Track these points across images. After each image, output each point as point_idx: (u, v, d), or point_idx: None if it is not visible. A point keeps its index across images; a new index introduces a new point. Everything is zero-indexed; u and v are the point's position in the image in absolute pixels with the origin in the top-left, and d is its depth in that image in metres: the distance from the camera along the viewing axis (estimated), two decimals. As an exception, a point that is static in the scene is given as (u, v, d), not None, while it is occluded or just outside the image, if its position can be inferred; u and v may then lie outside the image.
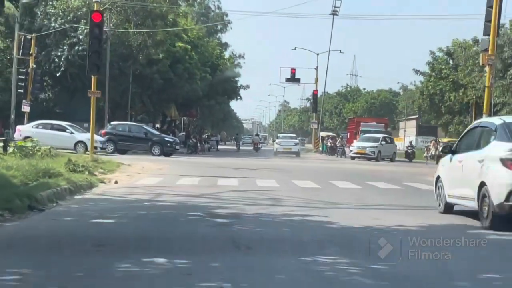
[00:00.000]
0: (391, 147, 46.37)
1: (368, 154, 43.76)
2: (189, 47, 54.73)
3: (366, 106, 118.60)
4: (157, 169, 24.73)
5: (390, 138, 48.19)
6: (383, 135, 47.32)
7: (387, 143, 45.89)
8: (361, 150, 44.16)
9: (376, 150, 43.95)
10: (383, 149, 44.56)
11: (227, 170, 25.64)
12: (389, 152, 45.56)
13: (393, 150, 46.49)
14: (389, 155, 45.38)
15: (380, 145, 44.39)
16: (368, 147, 44.06)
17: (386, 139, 46.20)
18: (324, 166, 33.32)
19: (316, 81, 63.65)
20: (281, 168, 29.28)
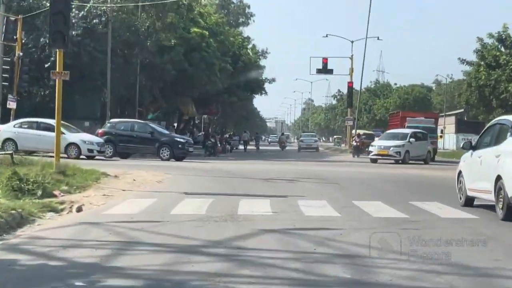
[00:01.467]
0: (423, 145, 36.93)
1: (392, 155, 35.15)
2: (206, 32, 47.51)
3: (399, 102, 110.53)
4: (154, 183, 17.59)
5: (423, 133, 38.08)
6: (415, 131, 38.05)
7: (419, 139, 36.75)
8: (383, 151, 35.27)
9: (402, 150, 35.05)
10: (412, 148, 35.65)
11: (252, 182, 18.51)
12: (421, 151, 36.59)
13: (426, 149, 37.26)
14: (421, 155, 36.60)
15: (408, 143, 35.45)
16: (393, 146, 35.11)
17: (417, 135, 37.11)
18: (370, 172, 25.99)
19: (351, 71, 56.23)
20: (320, 175, 22.09)
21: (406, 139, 35.59)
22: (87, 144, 30.09)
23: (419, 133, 37.75)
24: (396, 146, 35.20)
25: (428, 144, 37.87)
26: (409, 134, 36.18)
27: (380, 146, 35.82)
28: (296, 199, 14.00)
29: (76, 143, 30.03)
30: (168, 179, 18.63)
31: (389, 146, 35.24)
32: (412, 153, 35.56)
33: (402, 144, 35.34)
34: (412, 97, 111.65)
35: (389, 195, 15.54)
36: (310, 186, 17.66)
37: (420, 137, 37.20)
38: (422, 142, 36.98)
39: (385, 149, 35.28)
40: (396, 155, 35.06)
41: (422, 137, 37.39)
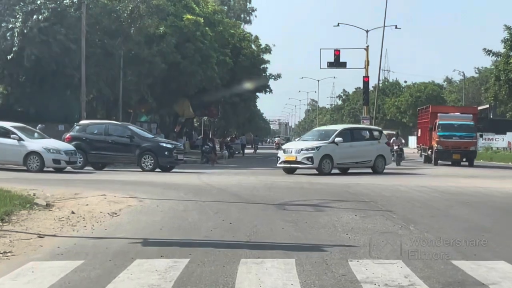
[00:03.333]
0: (367, 147, 26.35)
1: (302, 162, 24.42)
2: (201, 19, 41.01)
3: (411, 101, 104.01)
4: (104, 217, 11.10)
5: (372, 131, 27.98)
6: (353, 127, 29.24)
7: (359, 139, 26.64)
8: (290, 156, 24.68)
9: (316, 155, 24.35)
10: (341, 152, 24.92)
11: (259, 211, 12.09)
12: (361, 156, 25.97)
13: (374, 152, 26.35)
14: (364, 162, 26.26)
15: (329, 146, 24.77)
16: (303, 149, 24.68)
17: (356, 133, 27.10)
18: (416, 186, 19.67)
19: (367, 64, 49.54)
20: (352, 192, 15.73)
21: (329, 139, 25.07)
22: (51, 153, 23.61)
23: (362, 130, 28.56)
24: (307, 150, 24.56)
25: (380, 146, 26.79)
26: (337, 132, 25.57)
27: (288, 150, 25.29)
28: (345, 255, 7.60)
29: (38, 151, 23.57)
30: (130, 208, 12.11)
31: (299, 149, 24.76)
32: (340, 159, 24.98)
33: (317, 146, 24.66)
34: (425, 95, 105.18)
35: (500, 238, 9.08)
36: (352, 219, 11.12)
37: (364, 136, 27.32)
38: (364, 143, 26.50)
39: (293, 154, 24.70)
40: (307, 162, 24.34)
41: (368, 136, 27.17)
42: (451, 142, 35.44)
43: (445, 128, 35.96)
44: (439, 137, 35.66)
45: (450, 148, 35.39)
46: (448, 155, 35.75)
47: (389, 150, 28.00)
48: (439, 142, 35.64)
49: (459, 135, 35.60)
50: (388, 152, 27.67)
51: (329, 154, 24.74)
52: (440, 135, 35.79)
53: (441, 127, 36.01)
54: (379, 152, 26.57)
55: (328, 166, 24.70)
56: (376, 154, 26.37)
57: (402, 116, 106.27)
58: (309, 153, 24.51)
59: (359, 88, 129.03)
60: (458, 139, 35.48)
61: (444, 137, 35.61)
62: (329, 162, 24.72)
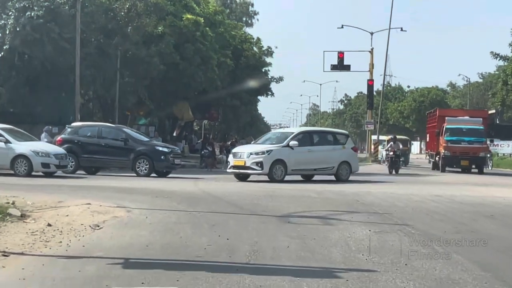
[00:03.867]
0: (328, 152, 23.55)
1: (251, 168, 21.98)
2: (201, 19, 39.68)
3: (414, 105, 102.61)
4: (84, 230, 9.81)
5: (335, 134, 25.22)
6: (303, 130, 25.02)
7: (320, 143, 23.83)
8: (239, 161, 22.31)
9: (267, 160, 21.86)
10: (297, 157, 22.37)
11: (260, 225, 10.78)
12: (322, 162, 23.28)
13: (337, 158, 23.60)
14: (326, 168, 23.52)
15: (282, 150, 22.32)
16: (253, 153, 22.16)
17: (316, 136, 24.20)
18: (428, 195, 18.43)
19: (371, 67, 48.31)
20: (361, 202, 14.41)
21: (283, 143, 22.56)
22: (40, 156, 22.30)
23: (324, 134, 25.41)
24: (256, 154, 22.06)
25: (345, 152, 23.95)
26: (293, 135, 22.98)
27: (237, 154, 22.78)
28: (365, 284, 6.28)
29: (25, 154, 22.25)
30: (115, 220, 10.77)
31: (249, 153, 22.20)
32: (295, 165, 22.43)
33: (268, 150, 22.12)
34: (429, 99, 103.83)
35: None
36: (366, 235, 9.78)
37: (326, 140, 24.15)
38: (326, 148, 23.59)
39: (242, 159, 22.21)
40: (256, 167, 21.83)
41: (332, 141, 24.20)
42: (459, 147, 33.41)
43: (453, 133, 34.03)
44: (446, 142, 33.69)
45: (458, 154, 33.34)
46: (456, 162, 33.76)
47: (355, 156, 25.00)
48: (446, 147, 33.65)
49: (468, 140, 33.58)
50: (354, 158, 24.55)
51: (282, 159, 22.11)
52: (448, 140, 33.83)
53: (449, 132, 34.10)
54: (343, 158, 23.74)
55: (280, 173, 22.04)
56: (339, 160, 23.56)
57: (405, 121, 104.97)
58: (258, 157, 21.94)
59: (361, 92, 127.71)
60: (467, 144, 33.46)
61: (451, 142, 33.61)
62: (281, 168, 22.07)
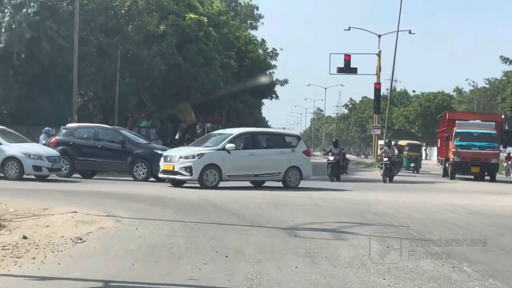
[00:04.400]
0: (272, 157, 20.99)
1: (179, 173, 19.68)
2: (204, 19, 38.55)
3: (420, 110, 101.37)
4: (65, 244, 8.69)
5: (277, 136, 22.57)
6: (245, 131, 21.85)
7: (260, 146, 21.32)
8: (168, 165, 19.99)
9: (197, 164, 19.50)
10: (235, 161, 20.07)
11: (264, 239, 9.65)
12: (265, 167, 20.81)
13: (283, 164, 21.04)
14: (271, 174, 21.07)
15: (216, 153, 19.95)
16: (183, 157, 19.85)
17: (260, 139, 21.76)
18: (442, 204, 17.39)
19: (379, 70, 47.17)
20: (374, 212, 13.31)
21: (217, 145, 20.31)
22: (32, 159, 21.16)
23: (270, 136, 22.63)
24: (186, 158, 19.78)
25: (295, 156, 21.31)
26: (231, 137, 20.50)
27: (167, 157, 20.35)
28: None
29: (16, 156, 21.13)
30: (101, 232, 9.59)
31: (179, 157, 19.95)
32: (233, 170, 20.03)
33: (198, 153, 19.83)
34: (435, 104, 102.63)
35: None
36: (388, 256, 8.59)
37: (273, 143, 21.58)
38: (272, 151, 21.11)
39: (171, 163, 19.97)
40: (184, 172, 19.59)
41: (280, 144, 21.63)
42: (470, 153, 31.50)
43: (463, 137, 32.04)
44: (455, 147, 31.73)
45: (468, 160, 31.44)
46: (466, 168, 31.88)
47: (307, 160, 22.10)
48: (455, 153, 31.73)
49: (479, 145, 31.66)
50: (305, 163, 21.76)
51: (216, 164, 19.77)
52: (457, 145, 31.86)
53: (459, 136, 32.08)
54: (292, 163, 21.20)
55: (213, 179, 19.65)
56: (287, 166, 21.06)
57: (411, 126, 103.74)
58: (188, 162, 19.64)
59: (366, 97, 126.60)
60: (478, 149, 31.55)
61: (461, 148, 31.68)
62: (215, 174, 19.71)
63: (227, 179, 20.30)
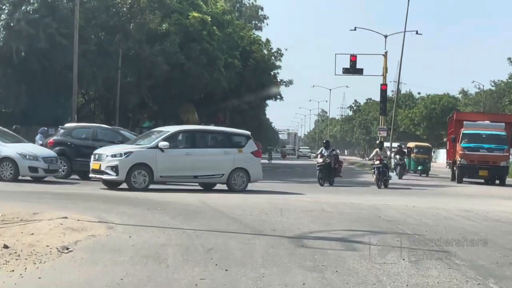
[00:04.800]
0: (214, 157, 19.22)
1: (106, 172, 18.15)
2: (208, 17, 37.83)
3: (425, 113, 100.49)
4: (49, 255, 7.90)
5: (244, 136, 20.46)
6: (183, 128, 20.61)
7: (202, 144, 19.51)
8: (96, 164, 18.54)
9: (123, 163, 17.93)
10: (172, 161, 18.38)
11: (268, 249, 8.92)
12: (204, 168, 18.98)
13: (226, 164, 19.26)
14: (211, 176, 19.23)
15: (146, 151, 18.33)
16: (110, 155, 18.32)
17: (199, 137, 19.81)
18: (468, 211, 16.47)
19: (385, 71, 46.25)
20: (387, 219, 12.62)
21: (150, 143, 18.67)
22: (28, 159, 20.41)
23: (213, 134, 20.46)
24: (113, 157, 18.24)
25: (242, 156, 19.53)
26: (167, 134, 18.78)
27: (97, 155, 18.78)
28: None
29: (12, 157, 20.38)
30: (90, 240, 8.82)
31: (106, 155, 18.43)
32: (167, 170, 18.40)
33: (126, 152, 18.29)
34: (440, 107, 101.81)
35: None
36: (400, 266, 7.83)
37: (216, 142, 19.93)
38: (214, 151, 19.43)
39: (99, 161, 18.48)
40: (110, 172, 18.03)
41: (226, 143, 19.80)
42: (477, 155, 30.05)
43: (471, 139, 30.53)
44: (463, 149, 30.33)
45: (476, 162, 29.99)
46: (473, 171, 30.32)
47: (257, 162, 20.13)
48: (462, 155, 30.28)
49: (488, 147, 30.22)
50: (254, 165, 19.85)
51: (146, 164, 18.13)
52: (464, 147, 30.37)
53: (467, 138, 30.61)
54: (238, 164, 19.40)
55: (142, 180, 18.02)
56: (232, 167, 19.28)
57: (416, 129, 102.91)
58: (114, 160, 18.06)
59: (371, 99, 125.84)
60: (486, 152, 30.12)
61: (468, 149, 30.24)
62: (144, 175, 18.07)
63: (160, 180, 18.60)
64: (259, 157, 20.67)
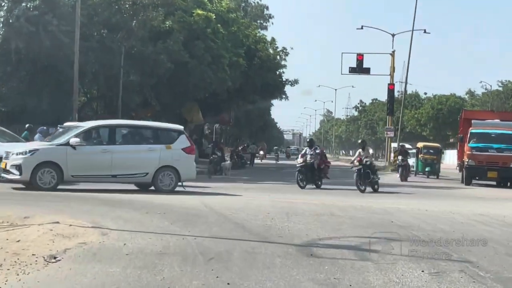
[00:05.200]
0: (135, 154, 17.66)
1: (10, 172, 17.02)
2: (212, 15, 37.15)
3: (432, 113, 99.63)
4: (32, 264, 7.23)
5: (176, 131, 18.60)
6: (100, 124, 18.71)
7: (143, 142, 18.14)
8: (3, 162, 17.28)
9: (28, 162, 16.79)
10: (81, 160, 17.09)
11: (267, 261, 8.21)
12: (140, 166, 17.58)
13: (149, 163, 17.65)
14: (131, 175, 17.72)
15: (53, 149, 17.14)
16: (14, 154, 17.16)
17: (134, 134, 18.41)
18: (484, 214, 15.87)
19: (392, 71, 45.60)
20: (398, 224, 11.99)
21: (63, 139, 17.29)
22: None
23: (135, 129, 18.55)
24: (17, 155, 17.03)
25: (170, 153, 17.78)
26: (80, 130, 17.33)
27: (5, 153, 17.47)
28: None
29: (1, 157, 19.71)
30: (81, 248, 8.11)
31: (13, 152, 17.14)
32: (79, 169, 17.06)
33: (31, 150, 17.17)
34: (447, 107, 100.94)
35: None
36: (421, 280, 7.12)
37: (141, 138, 18.22)
38: (135, 148, 17.79)
39: (6, 159, 17.20)
40: (14, 171, 16.86)
41: (151, 139, 18.12)
42: (486, 156, 28.61)
43: (480, 139, 29.08)
44: (470, 150, 28.97)
45: (484, 163, 28.52)
46: (482, 173, 28.82)
47: (189, 159, 18.22)
48: (470, 155, 28.90)
49: (497, 148, 28.77)
50: (185, 163, 17.99)
51: (54, 162, 16.78)
52: (472, 147, 28.95)
53: (475, 137, 29.19)
54: (165, 163, 17.67)
55: (49, 180, 16.70)
56: (158, 165, 17.59)
57: (422, 129, 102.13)
58: (18, 159, 16.80)
59: (376, 99, 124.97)
60: (496, 152, 28.64)
61: (476, 150, 28.87)
62: (52, 174, 16.75)
63: (71, 179, 17.24)
64: (192, 154, 18.74)
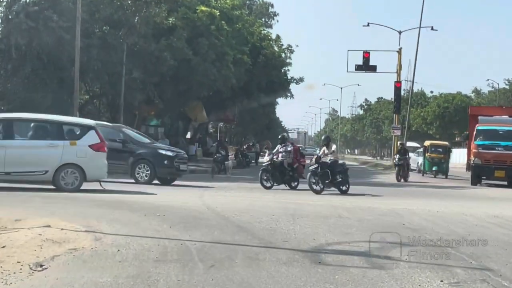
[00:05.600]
0: (50, 150, 16.23)
1: None
2: (216, 12, 36.55)
3: (438, 112, 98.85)
4: (16, 273, 6.64)
5: (84, 126, 17.13)
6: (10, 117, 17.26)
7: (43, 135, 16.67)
8: None
9: None
10: None
11: (272, 269, 7.59)
12: (39, 163, 16.19)
13: (52, 159, 16.18)
14: (35, 172, 16.26)
15: None
16: None
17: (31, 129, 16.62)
18: (497, 216, 15.29)
19: (399, 68, 44.92)
20: (410, 227, 11.50)
21: None
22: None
23: (33, 122, 16.70)
24: None
25: (74, 150, 16.36)
26: None
27: None
28: None
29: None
30: (71, 255, 7.52)
31: None
32: None
33: None
34: (453, 106, 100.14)
35: None
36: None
37: (41, 132, 16.66)
38: (33, 144, 16.37)
39: None
40: None
41: (52, 134, 16.60)
42: (493, 154, 27.29)
43: (486, 136, 27.77)
44: (477, 148, 27.77)
45: (492, 162, 27.29)
46: (489, 172, 27.52)
47: (97, 157, 16.72)
48: (476, 154, 27.69)
49: (505, 145, 27.39)
50: (92, 160, 16.58)
51: None
52: (479, 144, 27.69)
53: (482, 134, 27.89)
54: (68, 160, 16.24)
55: None
56: (59, 163, 16.18)
57: (428, 128, 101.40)
58: None
59: (382, 98, 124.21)
60: (503, 150, 27.25)
61: (483, 148, 27.64)
62: None
63: None
64: (102, 151, 17.06)
